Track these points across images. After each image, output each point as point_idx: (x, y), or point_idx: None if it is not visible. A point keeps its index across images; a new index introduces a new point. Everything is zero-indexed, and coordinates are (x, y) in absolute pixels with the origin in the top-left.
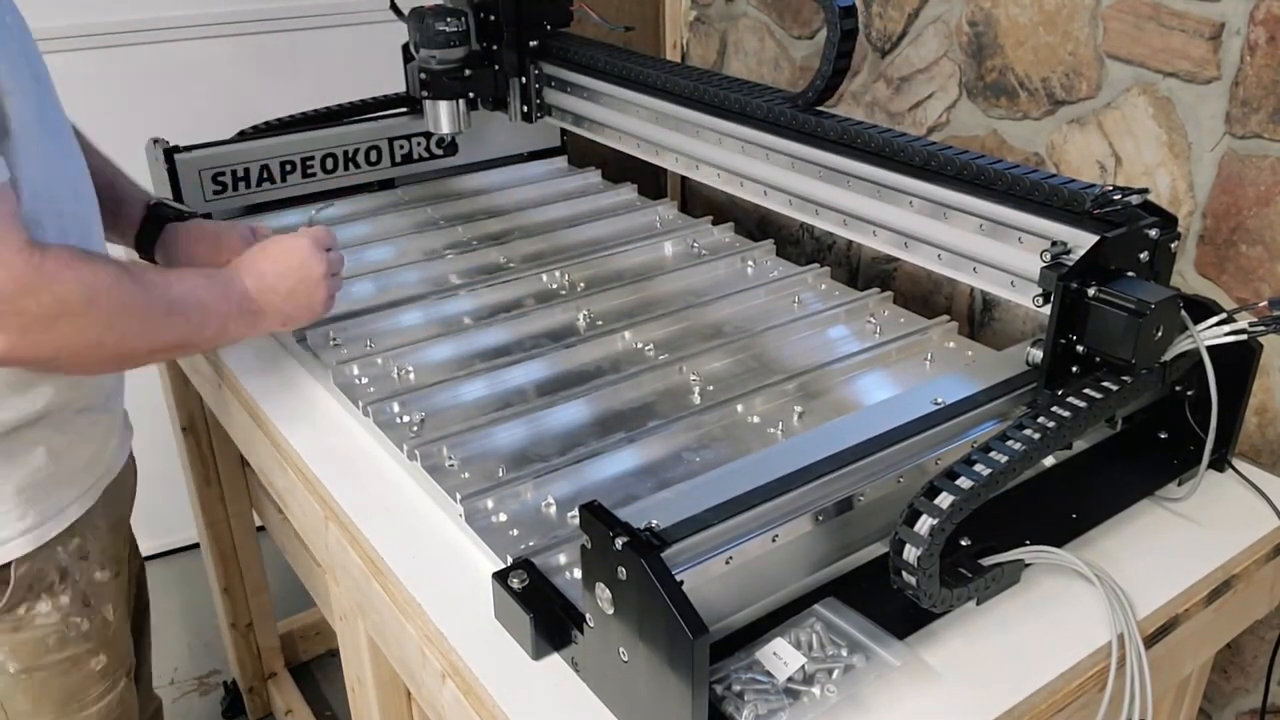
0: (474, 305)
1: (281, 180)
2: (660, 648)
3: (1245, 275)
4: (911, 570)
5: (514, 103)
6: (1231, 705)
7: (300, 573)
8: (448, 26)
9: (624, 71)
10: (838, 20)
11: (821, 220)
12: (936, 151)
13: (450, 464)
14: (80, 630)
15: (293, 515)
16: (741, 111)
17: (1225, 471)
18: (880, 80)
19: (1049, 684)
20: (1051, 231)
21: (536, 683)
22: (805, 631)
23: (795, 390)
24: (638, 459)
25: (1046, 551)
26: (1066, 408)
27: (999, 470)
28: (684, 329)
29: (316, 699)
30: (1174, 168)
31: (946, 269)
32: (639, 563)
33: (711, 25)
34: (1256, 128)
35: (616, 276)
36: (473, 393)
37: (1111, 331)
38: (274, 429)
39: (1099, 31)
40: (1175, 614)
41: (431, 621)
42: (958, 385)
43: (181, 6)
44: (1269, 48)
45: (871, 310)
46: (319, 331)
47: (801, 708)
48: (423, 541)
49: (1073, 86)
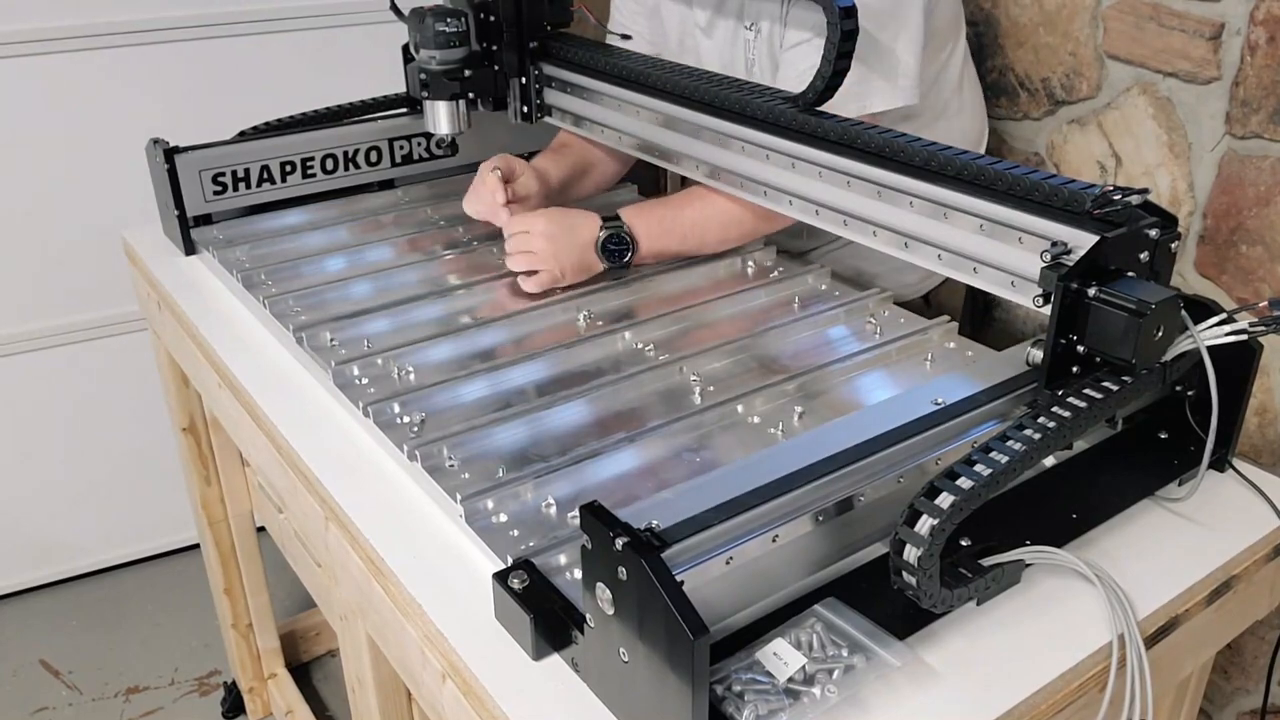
0: (474, 305)
1: (281, 180)
2: (660, 648)
3: (1245, 275)
4: (912, 570)
5: (514, 103)
6: (1231, 705)
7: (300, 573)
8: (448, 27)
9: (624, 72)
10: (838, 21)
11: (821, 220)
12: (936, 152)
13: (450, 464)
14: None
15: (293, 515)
16: (741, 112)
17: (1225, 472)
18: None
19: (1049, 684)
20: (1051, 232)
21: (536, 683)
22: (805, 632)
23: (795, 390)
24: (638, 459)
25: (1047, 551)
26: (1067, 408)
27: (999, 470)
28: (684, 329)
29: (316, 699)
30: (1174, 168)
31: (946, 269)
32: (639, 563)
33: None
34: (1256, 128)
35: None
36: (473, 393)
37: (1112, 331)
38: (274, 429)
39: (1099, 32)
40: (1175, 614)
41: (431, 622)
42: (958, 385)
43: (182, 7)
44: (1269, 48)
45: (871, 310)
46: (319, 332)
47: (802, 708)
48: (423, 542)
49: (1073, 86)
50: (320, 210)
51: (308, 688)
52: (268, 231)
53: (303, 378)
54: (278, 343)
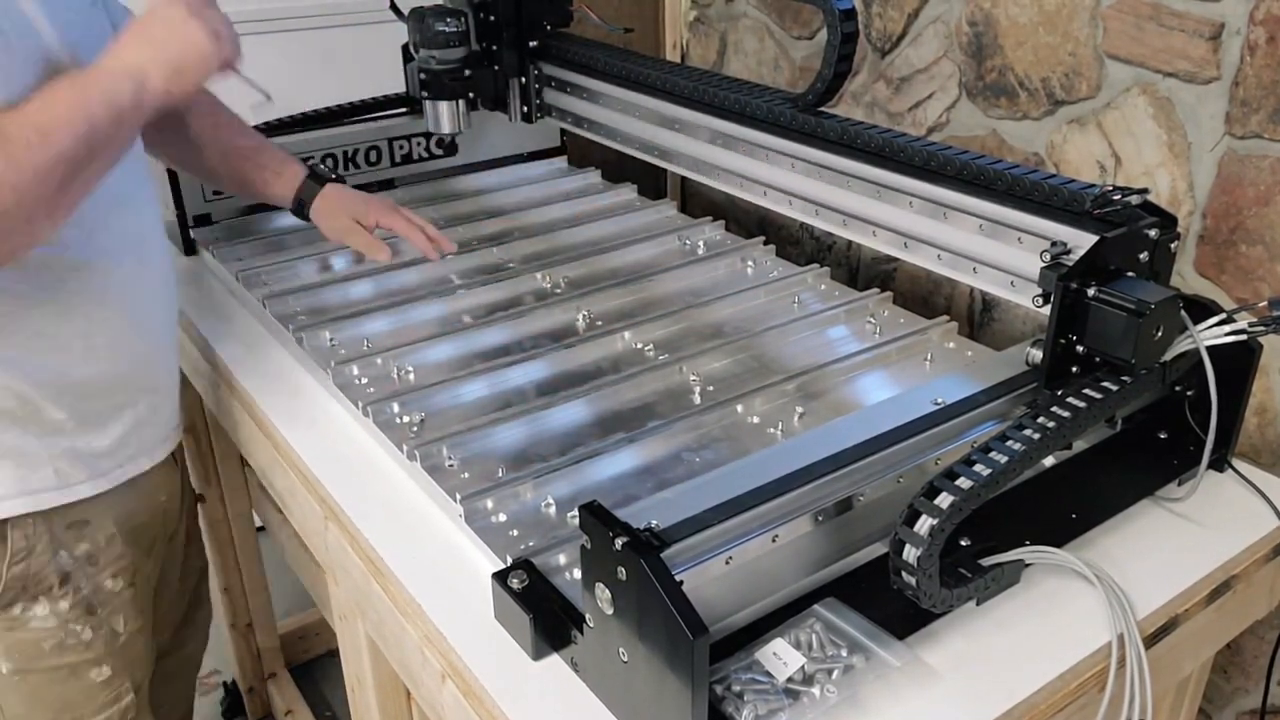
0: (474, 305)
1: None
2: (660, 648)
3: (1245, 275)
4: (911, 570)
5: (514, 103)
6: (1231, 705)
7: (300, 573)
8: (447, 27)
9: (624, 72)
10: (838, 23)
11: (821, 220)
12: (936, 152)
13: (450, 464)
14: (81, 639)
15: (293, 515)
16: (742, 112)
17: (1225, 472)
18: (880, 80)
19: (1049, 684)
20: (1051, 231)
21: (536, 683)
22: (805, 632)
23: (795, 390)
24: (638, 459)
25: (1046, 551)
26: (1066, 408)
27: (999, 470)
28: (684, 329)
29: (316, 699)
30: (1174, 168)
31: (946, 269)
32: (639, 563)
33: (711, 26)
34: (1256, 128)
35: (616, 277)
36: (472, 393)
37: (1111, 331)
38: (274, 429)
39: (1099, 31)
40: (1175, 614)
41: (431, 622)
42: (958, 385)
43: None
44: (1269, 48)
45: (871, 310)
46: (318, 332)
47: (801, 708)
48: (423, 541)
49: (1073, 86)
50: None
51: (308, 688)
52: (267, 231)
53: (302, 378)
54: (277, 343)
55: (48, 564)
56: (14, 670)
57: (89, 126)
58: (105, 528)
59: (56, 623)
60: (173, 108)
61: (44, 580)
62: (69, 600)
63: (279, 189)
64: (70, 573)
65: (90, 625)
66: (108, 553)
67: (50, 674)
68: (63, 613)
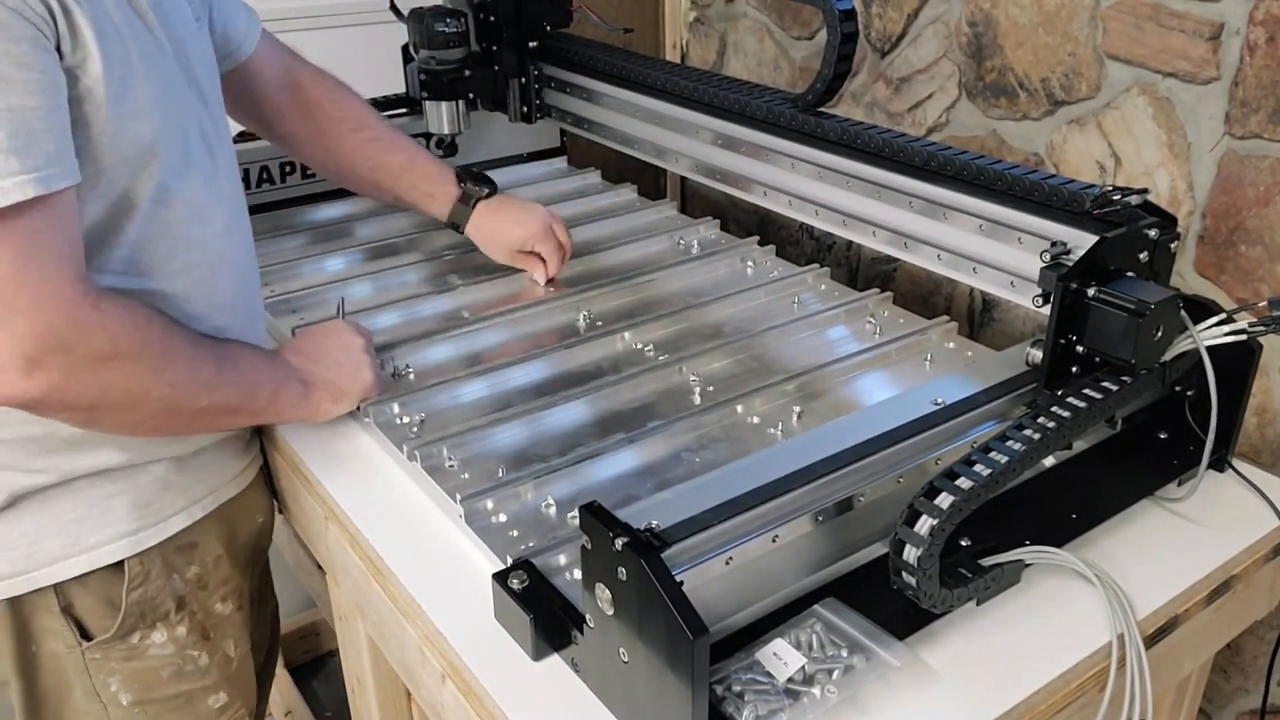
0: (474, 305)
1: (281, 181)
2: (660, 648)
3: (1245, 275)
4: (911, 570)
5: (514, 103)
6: (1231, 705)
7: (300, 573)
8: (447, 27)
9: (624, 72)
10: (838, 23)
11: (821, 221)
12: (936, 152)
13: (450, 464)
14: (198, 664)
15: (293, 515)
16: (742, 112)
17: (1225, 472)
18: (880, 81)
19: (1049, 684)
20: (1051, 232)
21: (536, 683)
22: (805, 632)
23: (795, 391)
24: (637, 459)
25: (1046, 552)
26: (1066, 408)
27: (999, 470)
28: (684, 329)
29: (316, 699)
30: (1174, 168)
31: (946, 269)
32: (639, 563)
33: (711, 26)
34: (1256, 128)
35: (616, 277)
36: (472, 393)
37: (1111, 331)
38: (273, 429)
39: (1099, 32)
40: (1175, 614)
41: (431, 622)
42: (958, 385)
43: None
44: (1269, 48)
45: (871, 310)
46: None
47: (801, 708)
48: (423, 542)
49: (1072, 87)
50: (320, 211)
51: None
52: (266, 232)
53: None
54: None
55: (163, 588)
56: (133, 702)
57: (246, 399)
58: (213, 549)
59: (174, 649)
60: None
61: (160, 605)
62: (185, 625)
63: (434, 211)
64: (184, 596)
65: (206, 650)
66: (215, 575)
67: (168, 703)
68: (180, 638)
